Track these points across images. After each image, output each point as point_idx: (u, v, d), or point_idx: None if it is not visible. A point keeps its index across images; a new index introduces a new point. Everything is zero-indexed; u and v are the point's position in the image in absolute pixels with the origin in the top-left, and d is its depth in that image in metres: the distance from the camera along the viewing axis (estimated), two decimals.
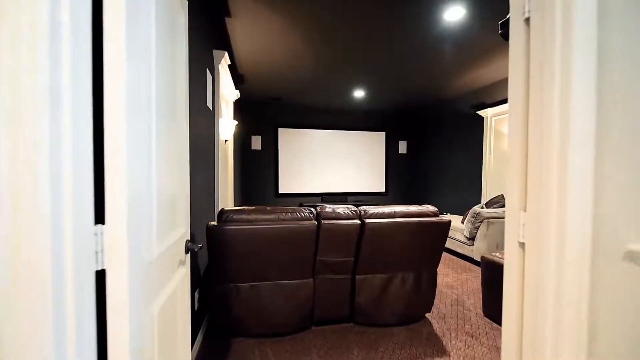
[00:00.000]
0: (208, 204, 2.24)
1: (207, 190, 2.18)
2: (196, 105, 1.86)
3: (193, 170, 1.77)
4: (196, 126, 1.85)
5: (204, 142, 2.05)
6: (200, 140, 1.96)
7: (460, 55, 3.27)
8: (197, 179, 1.89)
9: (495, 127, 4.35)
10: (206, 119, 2.14)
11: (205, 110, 2.12)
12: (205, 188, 2.11)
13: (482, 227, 3.36)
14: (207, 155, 2.17)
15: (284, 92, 4.66)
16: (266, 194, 5.68)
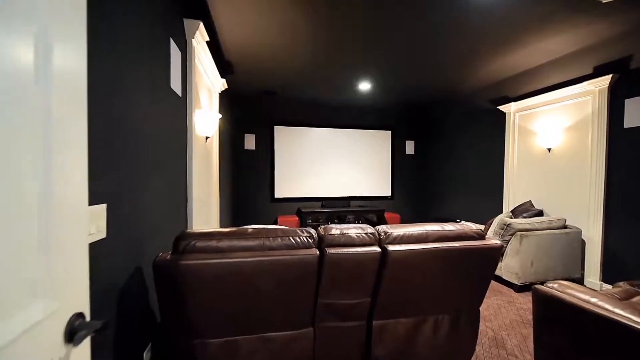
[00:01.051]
0: (174, 219, 1.70)
1: (172, 201, 1.64)
2: (148, 84, 1.33)
3: (138, 175, 1.23)
4: (147, 112, 1.32)
5: (164, 135, 1.52)
6: (158, 132, 1.42)
7: (482, 40, 2.75)
8: (152, 185, 1.35)
9: (520, 124, 3.83)
10: (170, 105, 1.60)
11: (169, 95, 1.59)
12: (167, 198, 1.57)
13: (514, 241, 2.83)
14: (171, 154, 1.63)
15: (280, 84, 4.13)
16: (261, 199, 5.15)
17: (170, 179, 1.60)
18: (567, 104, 3.24)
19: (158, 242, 1.45)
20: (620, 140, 2.76)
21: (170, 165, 1.61)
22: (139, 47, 1.24)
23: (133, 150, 1.19)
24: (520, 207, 3.43)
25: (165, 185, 1.53)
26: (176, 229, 1.74)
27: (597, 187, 2.92)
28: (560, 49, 2.85)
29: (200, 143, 2.38)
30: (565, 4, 2.13)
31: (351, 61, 3.27)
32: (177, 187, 1.74)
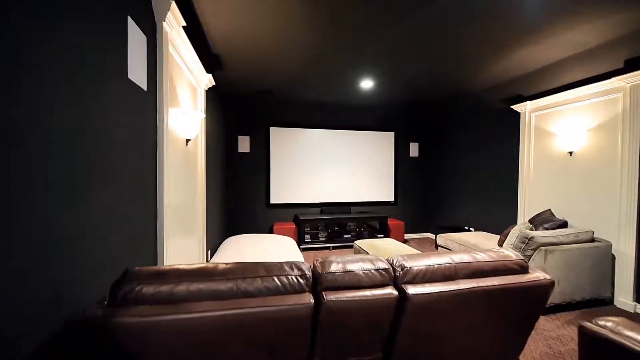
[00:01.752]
0: (134, 244, 1.37)
1: (131, 219, 1.31)
2: (88, 71, 1.00)
3: (57, 190, 0.90)
4: (86, 109, 0.99)
5: (117, 137, 1.19)
6: (105, 134, 1.10)
7: (502, 28, 2.42)
8: (92, 201, 1.02)
9: (537, 125, 3.51)
10: (127, 100, 1.27)
11: (125, 87, 1.26)
12: (122, 216, 1.24)
13: (538, 257, 2.50)
14: (129, 160, 1.30)
15: (276, 82, 3.81)
16: (256, 205, 4.81)
17: (127, 191, 1.26)
18: (591, 103, 2.92)
19: (102, 282, 1.11)
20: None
21: (128, 174, 1.27)
22: (70, 18, 0.92)
23: (48, 158, 0.86)
24: (539, 216, 3.11)
25: (119, 199, 1.20)
26: (139, 254, 1.41)
27: (630, 195, 2.60)
28: (589, 40, 2.53)
29: (179, 146, 2.06)
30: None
31: (352, 55, 2.95)
32: (141, 199, 1.41)
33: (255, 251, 3.24)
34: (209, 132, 3.19)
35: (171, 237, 1.85)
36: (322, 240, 4.58)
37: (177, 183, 1.99)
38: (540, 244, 2.53)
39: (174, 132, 1.96)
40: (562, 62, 2.98)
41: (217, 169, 3.80)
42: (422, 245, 4.94)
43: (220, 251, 3.26)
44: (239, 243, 3.55)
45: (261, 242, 3.64)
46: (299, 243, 4.49)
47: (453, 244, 3.57)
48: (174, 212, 1.93)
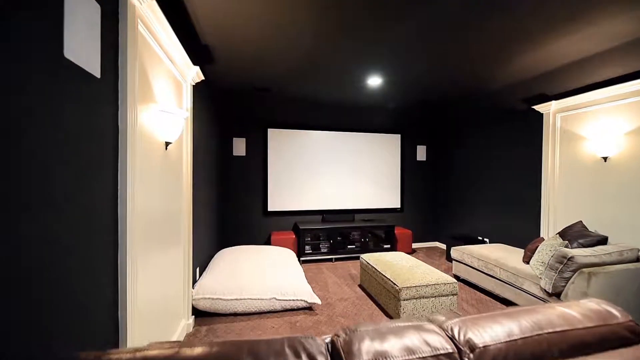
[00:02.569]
0: (71, 287, 0.99)
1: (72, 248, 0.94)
2: None
3: None
4: None
5: (42, 138, 0.82)
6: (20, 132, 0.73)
7: (534, 16, 2.09)
8: None
9: (562, 127, 3.17)
10: (62, 90, 0.90)
11: (57, 69, 0.89)
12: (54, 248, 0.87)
13: (579, 280, 2.15)
14: (73, 169, 0.93)
15: (274, 79, 3.45)
16: (252, 213, 4.44)
17: (64, 210, 0.90)
18: (630, 102, 2.59)
19: None
20: None
21: (70, 188, 0.91)
22: None
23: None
24: (570, 229, 2.76)
25: (49, 231, 0.83)
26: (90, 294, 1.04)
27: None
28: (631, 30, 2.20)
29: (155, 150, 1.69)
30: None
31: (358, 49, 2.60)
32: (89, 222, 1.04)
33: (250, 268, 2.87)
34: (198, 133, 2.83)
35: (142, 257, 1.49)
36: (324, 251, 4.22)
37: (151, 193, 1.62)
38: (582, 264, 2.18)
39: (149, 134, 1.59)
40: (597, 56, 2.65)
41: (209, 175, 3.44)
42: (431, 255, 4.59)
43: (210, 269, 2.89)
44: (233, 257, 3.18)
45: (257, 255, 3.27)
46: (299, 254, 4.12)
47: (471, 258, 3.21)
48: (148, 227, 1.57)
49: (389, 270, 2.69)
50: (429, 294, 2.44)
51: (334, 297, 2.98)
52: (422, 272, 2.63)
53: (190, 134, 2.32)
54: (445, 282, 2.48)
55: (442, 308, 2.49)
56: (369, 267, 3.01)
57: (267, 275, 2.72)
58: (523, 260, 2.86)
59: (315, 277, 3.58)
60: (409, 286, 2.39)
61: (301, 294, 2.61)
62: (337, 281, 3.44)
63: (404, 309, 2.40)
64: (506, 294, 2.77)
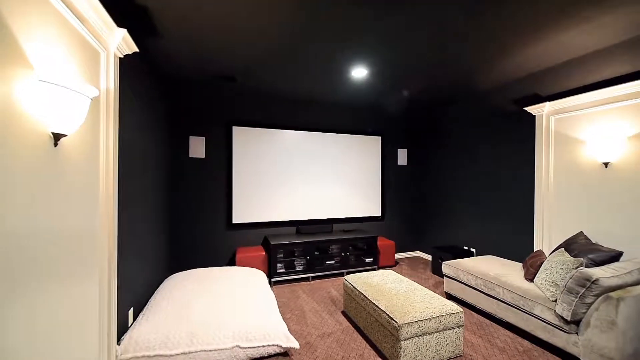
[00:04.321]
0: None
1: None
2: None
3: None
4: None
5: None
6: None
7: (530, 8, 1.78)
8: None
9: (558, 130, 2.96)
10: None
11: None
12: None
13: (605, 307, 1.83)
14: None
15: (241, 66, 2.83)
16: (213, 226, 3.73)
17: None
18: (634, 104, 2.40)
19: None
20: None
21: None
22: None
23: None
24: (574, 242, 2.51)
25: None
26: None
27: None
28: (637, 23, 1.97)
29: (30, 144, 1.02)
30: None
31: (337, 40, 2.11)
32: None
33: (205, 302, 2.21)
34: (133, 126, 2.13)
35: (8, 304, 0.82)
36: (299, 269, 3.64)
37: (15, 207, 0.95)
38: (606, 288, 1.86)
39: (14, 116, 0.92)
40: (598, 53, 2.43)
41: (154, 181, 2.71)
42: (415, 268, 4.22)
43: (150, 308, 2.18)
44: (183, 287, 2.49)
45: (216, 283, 2.61)
46: (270, 274, 3.50)
47: (467, 275, 2.85)
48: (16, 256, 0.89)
49: (382, 298, 2.20)
50: (433, 329, 1.98)
51: (315, 332, 2.42)
52: (421, 299, 2.17)
53: (114, 126, 1.63)
54: (450, 313, 2.04)
55: (448, 345, 2.05)
56: (355, 293, 2.50)
57: (228, 313, 2.08)
58: (525, 278, 2.55)
59: (290, 303, 2.99)
60: (410, 322, 1.92)
61: (274, 336, 2.01)
62: (317, 308, 2.88)
63: (404, 351, 1.91)
64: (511, 319, 2.43)
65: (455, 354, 2.07)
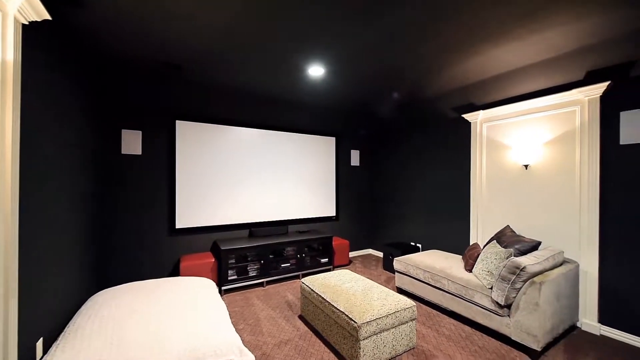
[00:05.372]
0: None
1: None
2: None
3: None
4: None
5: None
6: None
7: (468, 28, 2.00)
8: None
9: (489, 136, 3.34)
10: None
11: None
12: None
13: (531, 291, 2.10)
14: None
15: (187, 53, 2.54)
16: (152, 232, 3.29)
17: None
18: (548, 115, 2.83)
19: None
20: (616, 158, 2.40)
21: None
22: None
23: None
24: (503, 235, 2.85)
25: None
26: None
27: (590, 211, 2.51)
28: (558, 44, 2.33)
29: None
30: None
31: (295, 37, 2.04)
32: None
33: (143, 322, 1.91)
34: (42, 112, 1.73)
35: None
36: (253, 275, 3.44)
37: None
38: (532, 274, 2.14)
39: None
40: (522, 69, 2.81)
41: (75, 179, 2.26)
42: (368, 265, 4.36)
43: (67, 334, 1.80)
44: (115, 305, 2.13)
45: (156, 297, 2.30)
46: (220, 283, 3.23)
47: (416, 269, 3.03)
48: None
49: (341, 299, 2.18)
50: (390, 325, 2.03)
51: (271, 340, 2.29)
52: (377, 297, 2.22)
53: (12, 110, 1.28)
54: (404, 308, 2.12)
55: (403, 339, 2.12)
56: (312, 295, 2.44)
57: (171, 331, 1.82)
58: (465, 269, 2.80)
59: (243, 312, 2.79)
60: (369, 320, 1.93)
61: (226, 351, 1.82)
62: (272, 314, 2.75)
63: (363, 350, 1.91)
64: (455, 307, 2.64)
65: (409, 347, 2.16)
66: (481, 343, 2.29)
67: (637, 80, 2.28)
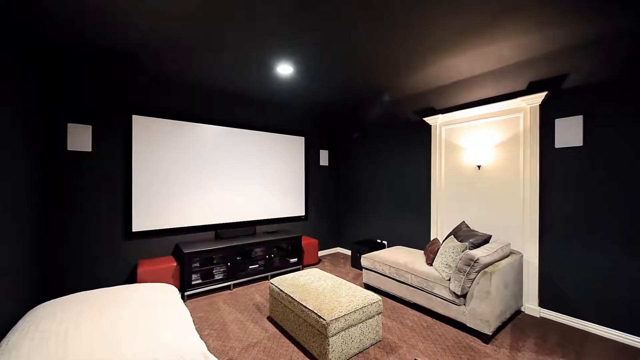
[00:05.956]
0: None
1: None
2: None
3: None
4: None
5: None
6: None
7: (424, 39, 2.16)
8: None
9: (447, 138, 3.59)
10: None
11: None
12: None
13: (483, 280, 2.29)
14: None
15: (144, 39, 2.37)
16: (105, 237, 3.01)
17: None
18: (497, 120, 3.11)
19: None
20: (552, 160, 2.72)
21: None
22: None
23: None
24: (459, 230, 3.07)
25: None
26: None
27: (531, 207, 2.81)
28: (507, 56, 2.58)
29: None
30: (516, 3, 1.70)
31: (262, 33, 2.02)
32: None
33: (92, 337, 1.75)
34: None
35: None
36: (219, 278, 3.31)
37: None
38: (484, 265, 2.34)
39: None
40: (476, 78, 3.06)
41: (6, 178, 2.00)
42: (336, 263, 4.44)
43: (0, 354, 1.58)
44: (58, 318, 1.93)
45: (106, 308, 2.12)
46: (183, 288, 3.06)
47: (382, 265, 3.14)
48: None
49: (310, 298, 2.19)
50: (357, 320, 2.09)
51: (238, 344, 2.23)
52: (346, 293, 2.26)
53: None
54: (371, 302, 2.19)
55: (370, 332, 2.19)
56: (281, 296, 2.42)
57: (127, 344, 1.68)
58: (427, 263, 2.97)
59: (209, 317, 2.68)
60: (337, 317, 1.96)
61: (190, 359, 1.74)
62: (240, 317, 2.67)
63: (332, 347, 1.94)
64: (417, 299, 2.79)
65: (375, 340, 2.23)
66: (441, 332, 2.45)
67: (569, 91, 2.60)
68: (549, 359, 2.08)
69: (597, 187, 2.46)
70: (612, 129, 2.39)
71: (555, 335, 2.41)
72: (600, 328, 2.42)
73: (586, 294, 2.51)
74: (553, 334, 2.42)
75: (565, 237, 2.62)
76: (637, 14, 1.89)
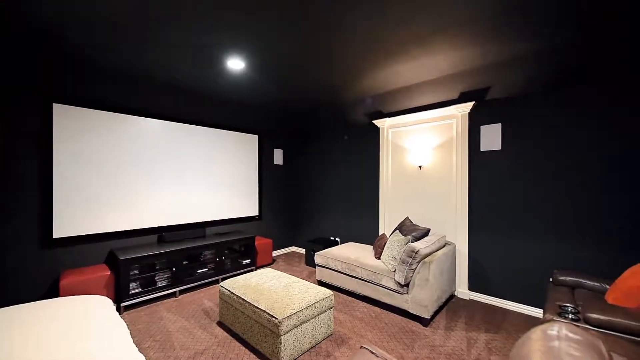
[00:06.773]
0: None
1: None
2: None
3: None
4: None
5: None
6: None
7: (373, 45, 2.34)
8: None
9: (393, 140, 3.86)
10: None
11: None
12: None
13: (423, 270, 2.53)
14: None
15: (72, 17, 2.07)
16: (15, 245, 2.55)
17: None
18: (435, 125, 3.45)
19: None
20: (478, 162, 3.12)
21: None
22: None
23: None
24: (404, 225, 3.33)
25: None
26: None
27: (462, 203, 3.19)
28: (445, 67, 2.88)
29: None
30: (460, 20, 1.96)
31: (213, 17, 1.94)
32: None
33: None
34: None
35: None
36: (163, 285, 3.06)
37: None
38: (424, 255, 2.57)
39: None
40: (419, 85, 3.35)
41: None
42: (291, 262, 4.44)
43: None
44: None
45: (18, 329, 1.82)
46: (119, 299, 2.76)
47: (335, 262, 3.25)
48: None
49: (262, 298, 2.16)
50: (310, 316, 2.13)
51: (184, 354, 2.09)
52: (298, 290, 2.29)
53: None
54: (323, 298, 2.26)
55: (322, 327, 2.25)
56: (232, 298, 2.34)
57: None
58: (375, 257, 3.16)
59: (149, 328, 2.46)
60: (289, 314, 1.98)
61: None
62: (186, 325, 2.51)
63: (284, 345, 1.95)
64: (366, 292, 2.95)
65: (327, 334, 2.30)
66: (387, 320, 2.63)
67: (491, 102, 3.02)
68: (474, 334, 2.39)
69: (513, 185, 2.90)
70: (521, 135, 2.84)
71: (481, 313, 2.77)
72: (514, 304, 2.86)
73: (504, 277, 2.94)
74: (479, 313, 2.78)
75: (488, 229, 3.03)
76: (540, 40, 2.27)
